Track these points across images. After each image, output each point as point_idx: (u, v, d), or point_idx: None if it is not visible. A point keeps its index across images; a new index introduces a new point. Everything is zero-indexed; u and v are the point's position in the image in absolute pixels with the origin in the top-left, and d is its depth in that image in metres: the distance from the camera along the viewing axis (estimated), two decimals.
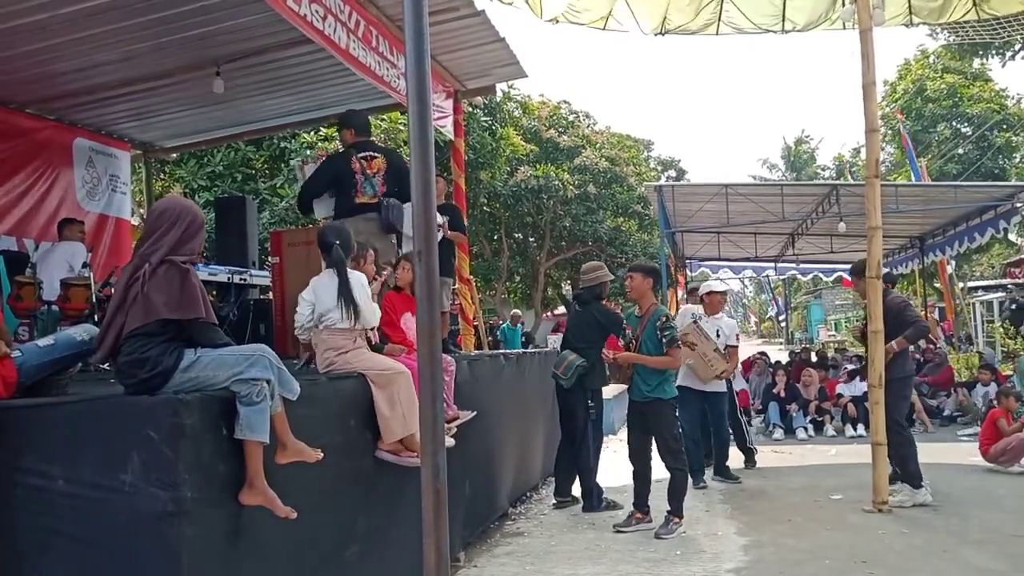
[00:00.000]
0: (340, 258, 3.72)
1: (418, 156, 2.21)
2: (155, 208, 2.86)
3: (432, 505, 2.15)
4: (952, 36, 14.73)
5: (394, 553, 3.91)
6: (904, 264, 16.98)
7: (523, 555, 5.05)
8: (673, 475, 5.49)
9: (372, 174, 5.36)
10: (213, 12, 5.53)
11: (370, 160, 5.37)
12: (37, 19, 5.34)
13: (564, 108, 23.08)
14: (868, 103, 6.09)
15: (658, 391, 5.44)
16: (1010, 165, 23.65)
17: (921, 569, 4.48)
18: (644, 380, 5.47)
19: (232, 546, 2.72)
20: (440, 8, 5.75)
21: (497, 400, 6.08)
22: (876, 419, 5.90)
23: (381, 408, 3.65)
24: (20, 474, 2.58)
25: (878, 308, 5.94)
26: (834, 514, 5.85)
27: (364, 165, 5.32)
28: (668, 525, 5.38)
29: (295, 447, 2.87)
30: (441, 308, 4.49)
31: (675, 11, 7.78)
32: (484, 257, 21.63)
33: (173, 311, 2.61)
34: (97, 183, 8.28)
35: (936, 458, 7.63)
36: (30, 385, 2.84)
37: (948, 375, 12.26)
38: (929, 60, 25.27)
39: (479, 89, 7.96)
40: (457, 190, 7.77)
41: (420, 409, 2.22)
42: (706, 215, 12.67)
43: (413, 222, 2.23)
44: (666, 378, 5.49)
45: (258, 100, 7.62)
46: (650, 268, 5.84)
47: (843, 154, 37.91)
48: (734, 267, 18.70)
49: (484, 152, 16.65)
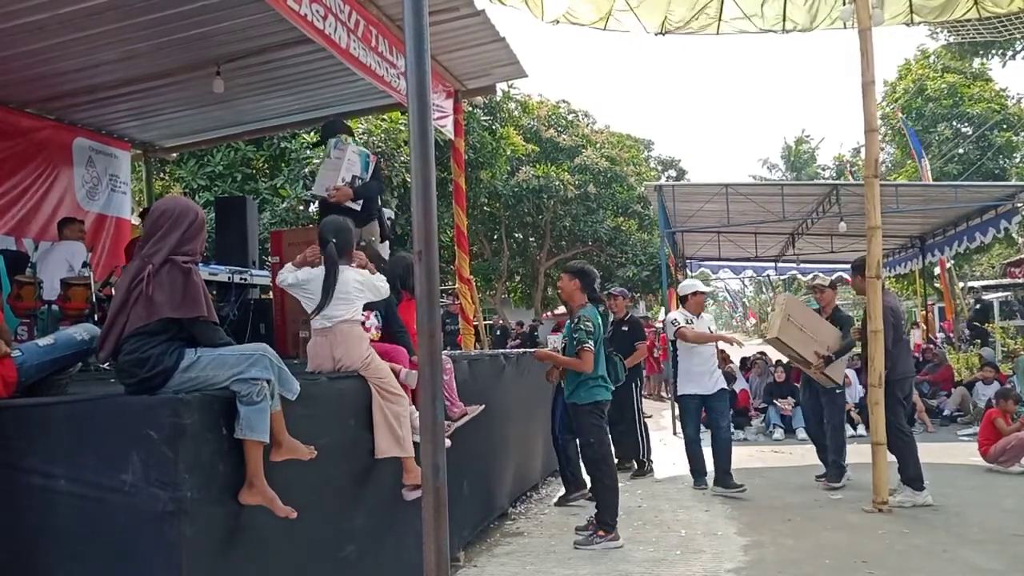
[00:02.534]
0: (333, 256, 3.72)
1: (418, 156, 2.21)
2: (155, 209, 2.85)
3: (432, 505, 2.15)
4: (952, 35, 14.73)
5: (394, 553, 3.91)
6: (904, 264, 16.98)
7: (523, 555, 5.05)
8: (592, 484, 5.34)
9: None
10: (213, 12, 5.53)
11: None
12: (37, 19, 5.35)
13: (563, 107, 23.08)
14: (867, 103, 6.09)
15: (574, 396, 5.29)
16: (1010, 165, 23.64)
17: (921, 569, 4.48)
18: (566, 383, 5.41)
19: (232, 546, 2.72)
20: (440, 8, 5.75)
21: (497, 400, 6.08)
22: (876, 419, 5.91)
23: (380, 421, 3.68)
24: (20, 474, 2.58)
25: (877, 308, 5.94)
26: (834, 514, 5.85)
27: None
28: (588, 535, 5.17)
29: (290, 445, 2.87)
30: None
31: (676, 11, 7.78)
32: (484, 257, 21.63)
33: (175, 310, 2.61)
34: (97, 183, 8.27)
35: (936, 458, 7.63)
36: (30, 384, 2.84)
37: (948, 375, 12.28)
38: (929, 60, 25.25)
39: (479, 89, 7.95)
40: (457, 190, 7.77)
41: (421, 410, 2.22)
42: (706, 215, 12.67)
43: (414, 222, 2.23)
44: (582, 382, 5.24)
45: (258, 100, 7.62)
46: (577, 269, 5.54)
47: (843, 154, 37.92)
48: (734, 267, 18.69)
49: (484, 152, 16.65)
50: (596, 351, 5.24)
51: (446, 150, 8.04)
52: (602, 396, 5.29)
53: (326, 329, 3.68)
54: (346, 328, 3.68)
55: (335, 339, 3.67)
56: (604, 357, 5.39)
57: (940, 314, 20.48)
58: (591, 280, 5.50)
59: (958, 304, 20.68)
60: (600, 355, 5.30)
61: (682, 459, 8.56)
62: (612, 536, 5.14)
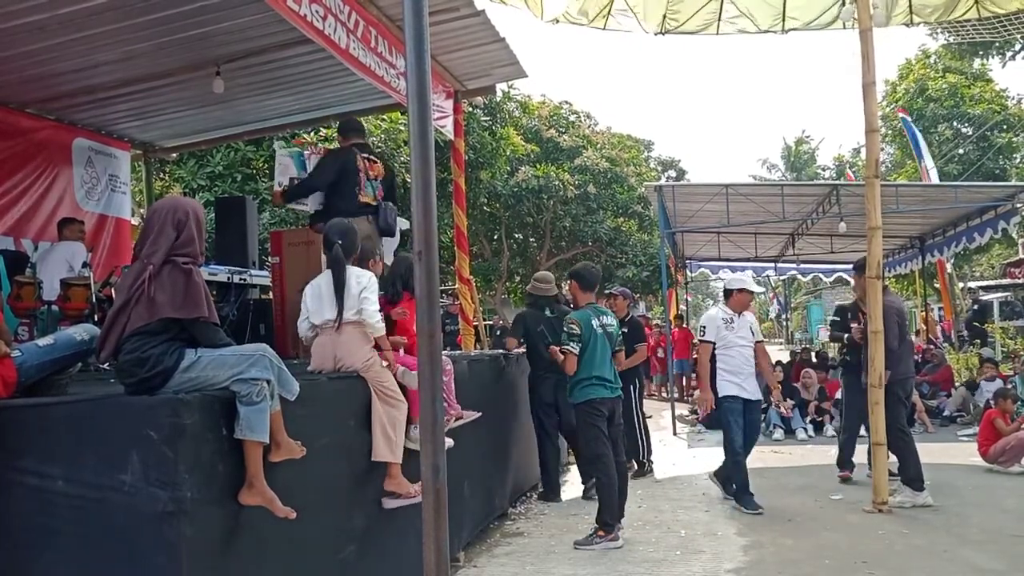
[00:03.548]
0: (339, 257, 3.72)
1: (418, 156, 2.21)
2: (150, 210, 2.86)
3: (432, 505, 2.15)
4: (952, 36, 14.72)
5: (393, 553, 3.91)
6: (904, 264, 16.98)
7: (523, 555, 5.05)
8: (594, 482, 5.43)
9: (373, 177, 5.50)
10: (212, 12, 5.52)
11: (372, 163, 5.55)
12: (36, 19, 5.34)
13: (565, 108, 23.08)
14: (868, 103, 6.09)
15: (570, 394, 5.53)
16: (1011, 165, 23.63)
17: (921, 569, 4.48)
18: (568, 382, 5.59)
19: (232, 546, 2.72)
20: (440, 8, 5.74)
21: (497, 400, 6.08)
22: (876, 419, 5.91)
23: (377, 424, 3.68)
24: (20, 474, 2.58)
25: (878, 308, 5.95)
26: (834, 514, 5.86)
27: (367, 166, 5.45)
28: (589, 535, 5.23)
29: (288, 445, 2.88)
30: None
31: (675, 11, 7.78)
32: (484, 257, 21.63)
33: (176, 310, 2.62)
34: (96, 183, 8.27)
35: (936, 458, 7.64)
36: (30, 385, 2.84)
37: (948, 375, 12.27)
38: (930, 60, 25.23)
39: (479, 89, 7.95)
40: (457, 190, 7.77)
41: (420, 409, 2.22)
42: (706, 215, 12.66)
43: (413, 222, 2.23)
44: (576, 381, 5.40)
45: (258, 100, 7.61)
46: (572, 271, 5.90)
47: (843, 154, 37.94)
48: (734, 267, 18.66)
49: (484, 152, 16.64)
50: (590, 351, 5.34)
51: (446, 150, 8.03)
52: (597, 395, 5.34)
53: (330, 329, 3.68)
54: (350, 329, 3.69)
55: (338, 339, 3.68)
56: (607, 357, 5.43)
57: (940, 314, 20.48)
58: (584, 280, 5.65)
59: (958, 305, 20.67)
60: (595, 355, 5.36)
61: (682, 460, 8.61)
62: (612, 536, 5.14)
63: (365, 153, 5.57)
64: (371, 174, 5.51)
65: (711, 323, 6.36)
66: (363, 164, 5.44)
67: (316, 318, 3.73)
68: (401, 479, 3.71)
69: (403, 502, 3.76)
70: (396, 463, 3.72)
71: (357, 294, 3.69)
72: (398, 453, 3.72)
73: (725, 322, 6.27)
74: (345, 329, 3.66)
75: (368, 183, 5.47)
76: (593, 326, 5.41)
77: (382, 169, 5.64)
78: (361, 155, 5.49)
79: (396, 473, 3.73)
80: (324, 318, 3.69)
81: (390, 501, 3.78)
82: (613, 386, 5.42)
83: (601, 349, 5.39)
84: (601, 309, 5.67)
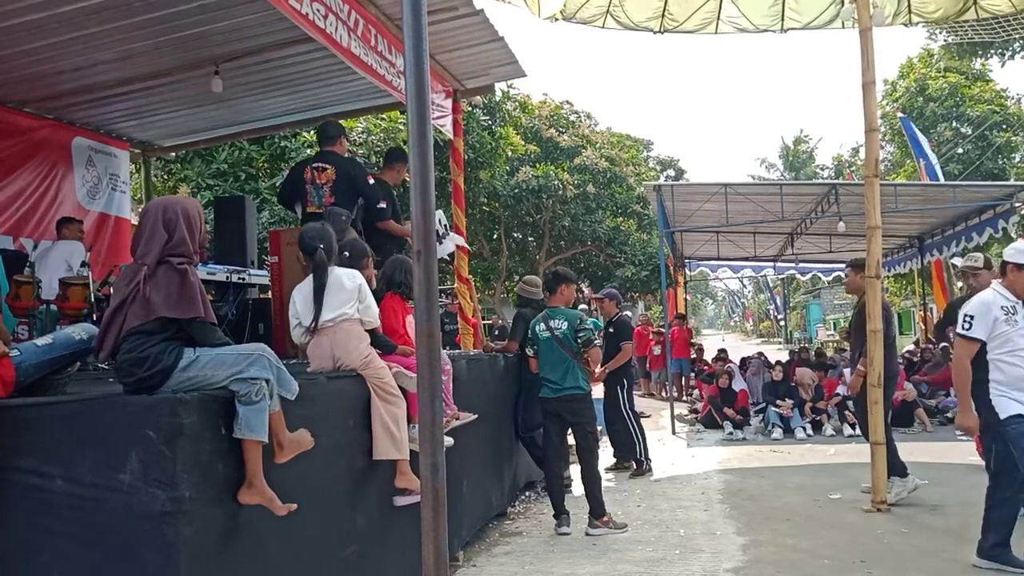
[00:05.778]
0: (322, 261, 3.72)
1: (417, 155, 2.20)
2: (142, 211, 2.86)
3: (431, 505, 2.14)
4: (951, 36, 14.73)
5: (393, 552, 3.91)
6: (903, 264, 16.99)
7: (522, 555, 5.05)
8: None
9: (321, 184, 5.58)
10: (211, 11, 5.53)
11: (320, 171, 5.59)
12: (35, 18, 5.34)
13: (566, 108, 23.08)
14: (868, 103, 6.09)
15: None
16: (1010, 165, 23.65)
17: (920, 569, 4.48)
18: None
19: (231, 546, 2.72)
20: (439, 7, 5.75)
21: (496, 399, 6.08)
22: (875, 419, 5.91)
23: (378, 422, 3.67)
24: (18, 474, 2.58)
25: (877, 308, 5.95)
26: (833, 514, 5.86)
27: (315, 175, 5.55)
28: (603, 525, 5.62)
29: (292, 443, 2.87)
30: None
31: (674, 9, 7.78)
32: (483, 257, 21.61)
33: (172, 309, 2.61)
34: (97, 182, 8.27)
35: (936, 458, 7.64)
36: (28, 384, 2.83)
37: (947, 375, 12.25)
38: (932, 59, 25.24)
39: (478, 88, 7.95)
40: (456, 190, 7.77)
41: (419, 409, 2.21)
42: (705, 214, 12.67)
43: (412, 222, 2.23)
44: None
45: (257, 99, 7.62)
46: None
47: (842, 154, 37.96)
48: (733, 267, 18.73)
49: (483, 152, 16.63)
50: (539, 354, 5.77)
51: (445, 150, 8.04)
52: (544, 393, 5.76)
53: (326, 329, 3.68)
54: (346, 327, 3.68)
55: (335, 338, 3.68)
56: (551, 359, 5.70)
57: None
58: (546, 283, 6.09)
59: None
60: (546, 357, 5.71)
61: (681, 459, 8.61)
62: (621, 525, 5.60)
63: (319, 161, 5.57)
64: (319, 181, 5.53)
65: (984, 313, 4.39)
66: (310, 174, 5.52)
67: (305, 321, 3.73)
68: (412, 475, 3.69)
69: (415, 499, 3.73)
70: (404, 459, 3.71)
71: (354, 288, 3.70)
72: (404, 449, 3.70)
73: (1006, 312, 4.37)
74: (340, 327, 3.66)
75: (315, 192, 5.51)
76: (537, 330, 5.80)
77: (332, 173, 5.56)
78: (311, 165, 5.58)
79: (406, 470, 3.72)
80: (309, 321, 3.69)
81: (401, 499, 3.76)
82: (557, 387, 5.66)
83: (545, 351, 5.72)
84: (556, 312, 5.84)
